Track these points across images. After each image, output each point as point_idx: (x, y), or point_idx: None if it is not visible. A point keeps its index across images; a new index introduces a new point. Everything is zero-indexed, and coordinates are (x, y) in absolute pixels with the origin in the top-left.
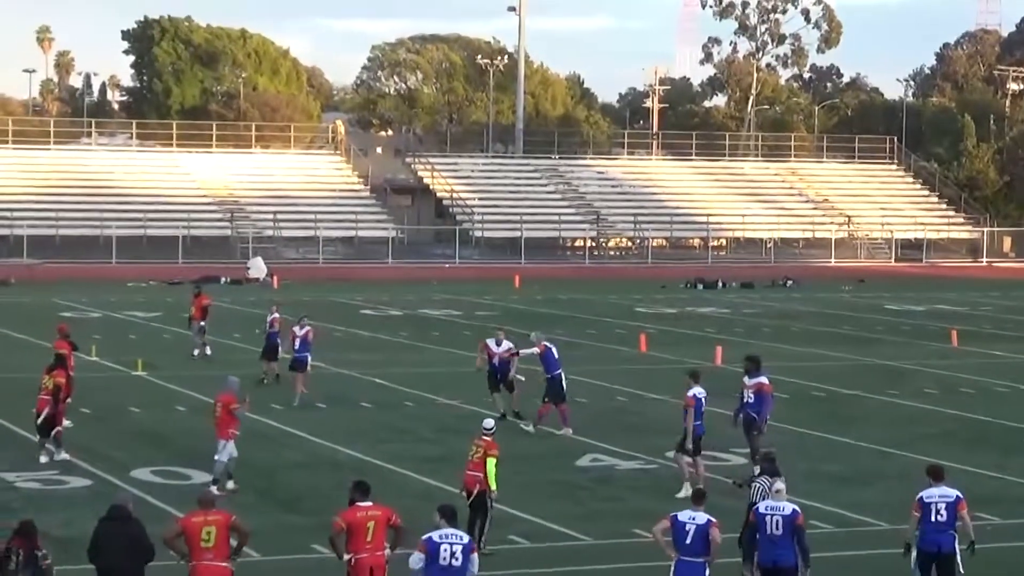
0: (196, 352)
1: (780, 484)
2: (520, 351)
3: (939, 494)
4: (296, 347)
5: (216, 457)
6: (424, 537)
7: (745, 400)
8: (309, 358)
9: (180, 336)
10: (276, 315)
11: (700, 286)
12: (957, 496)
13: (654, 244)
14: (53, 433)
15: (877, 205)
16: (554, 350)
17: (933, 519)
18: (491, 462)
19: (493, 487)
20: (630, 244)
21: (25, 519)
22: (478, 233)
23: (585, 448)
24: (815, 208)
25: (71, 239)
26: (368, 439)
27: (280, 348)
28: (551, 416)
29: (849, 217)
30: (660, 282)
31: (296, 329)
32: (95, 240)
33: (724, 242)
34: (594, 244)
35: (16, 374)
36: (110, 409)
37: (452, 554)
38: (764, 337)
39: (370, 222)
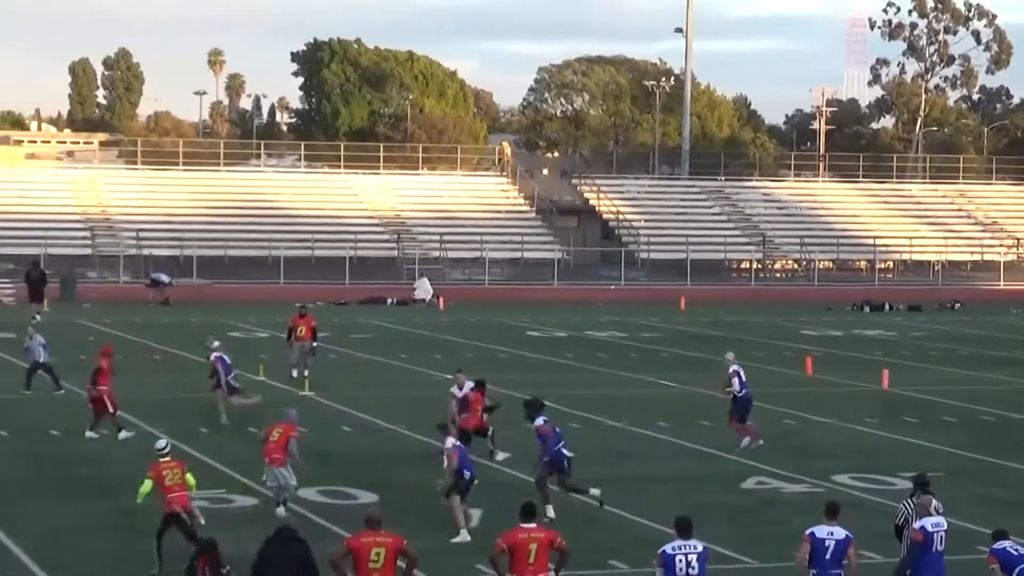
0: (295, 373)
1: (925, 499)
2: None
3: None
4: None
5: (289, 483)
6: (660, 551)
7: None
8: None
9: (345, 356)
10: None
11: (867, 308)
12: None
13: (820, 266)
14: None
15: None
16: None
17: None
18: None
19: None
20: (796, 266)
21: (207, 538)
22: (644, 255)
23: (750, 471)
24: (984, 230)
25: (239, 260)
26: (533, 461)
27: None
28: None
29: (1018, 239)
30: (826, 304)
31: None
32: (263, 261)
33: (891, 264)
34: (760, 266)
35: (183, 394)
36: None
37: (688, 563)
38: (932, 360)
39: (536, 243)
